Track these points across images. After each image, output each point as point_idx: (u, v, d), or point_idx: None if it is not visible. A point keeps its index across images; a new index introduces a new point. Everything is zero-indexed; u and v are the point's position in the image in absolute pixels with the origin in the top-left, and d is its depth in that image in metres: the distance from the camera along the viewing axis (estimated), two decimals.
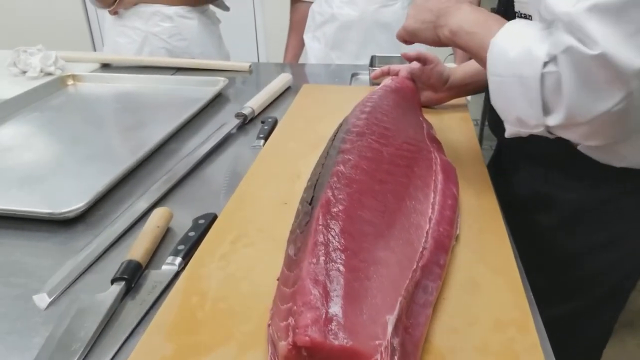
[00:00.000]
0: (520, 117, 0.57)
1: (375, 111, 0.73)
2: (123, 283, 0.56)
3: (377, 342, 0.40)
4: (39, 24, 2.86)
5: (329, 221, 0.49)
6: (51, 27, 2.81)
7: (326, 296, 0.42)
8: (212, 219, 0.67)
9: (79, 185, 0.77)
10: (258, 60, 2.66)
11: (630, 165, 0.68)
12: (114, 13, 1.46)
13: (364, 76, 1.25)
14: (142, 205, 0.72)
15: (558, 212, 0.77)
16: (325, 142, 0.84)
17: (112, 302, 0.53)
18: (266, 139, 0.91)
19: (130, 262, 0.58)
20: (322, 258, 0.45)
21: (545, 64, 0.52)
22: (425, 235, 0.55)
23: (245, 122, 1.00)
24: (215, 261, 0.59)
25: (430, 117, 0.91)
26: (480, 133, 2.25)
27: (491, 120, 0.89)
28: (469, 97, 1.21)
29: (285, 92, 1.17)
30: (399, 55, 1.24)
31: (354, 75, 1.25)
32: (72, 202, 0.69)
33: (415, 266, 0.50)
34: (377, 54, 1.23)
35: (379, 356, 0.39)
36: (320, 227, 0.49)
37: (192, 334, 0.49)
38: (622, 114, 0.51)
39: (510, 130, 0.62)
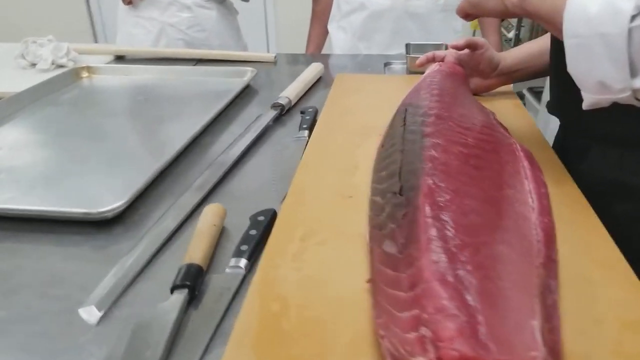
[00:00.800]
0: (604, 81, 0.51)
1: (445, 94, 0.66)
2: (186, 291, 0.48)
3: (532, 354, 0.33)
4: (38, 15, 2.74)
5: (438, 212, 0.42)
6: (51, 19, 2.69)
7: (462, 302, 0.35)
8: (272, 215, 0.60)
9: (113, 184, 0.70)
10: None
11: None
12: (128, 3, 1.37)
13: (397, 65, 1.18)
14: (188, 202, 0.64)
15: (637, 202, 0.70)
16: (375, 131, 0.78)
17: (177, 314, 0.46)
18: (310, 129, 0.84)
19: (190, 266, 0.50)
20: (442, 255, 0.38)
21: (633, 17, 0.47)
22: (534, 227, 0.48)
23: (282, 113, 0.92)
24: (288, 262, 0.51)
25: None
26: None
27: (553, 98, 0.81)
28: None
29: (317, 83, 1.10)
30: (434, 43, 1.19)
31: (386, 64, 1.19)
32: (108, 201, 0.61)
33: (537, 262, 0.43)
34: (411, 42, 1.17)
35: None
36: (430, 219, 0.42)
37: (283, 347, 0.41)
38: None
39: (589, 100, 0.55)
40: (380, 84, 1.04)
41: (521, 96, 2.27)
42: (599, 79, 0.52)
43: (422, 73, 1.06)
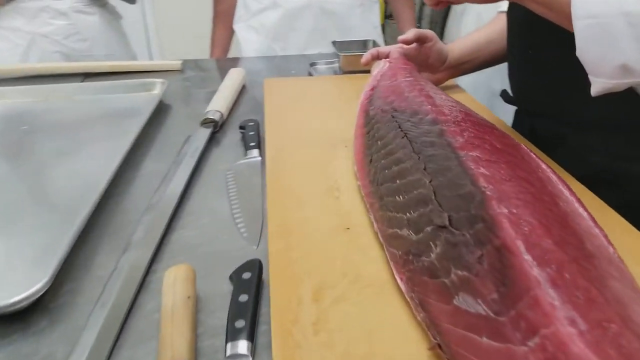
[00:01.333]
0: (627, 63, 0.47)
1: (435, 94, 0.56)
2: None
3: None
4: None
5: (531, 249, 0.32)
6: None
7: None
8: (258, 269, 0.46)
9: (17, 258, 0.50)
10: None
11: None
12: None
13: (323, 66, 1.07)
14: (135, 265, 0.47)
15: (625, 190, 0.65)
16: (339, 142, 0.67)
17: None
18: (259, 147, 0.70)
19: None
20: (574, 314, 0.28)
21: None
22: (603, 241, 0.40)
23: (216, 131, 0.77)
24: (309, 335, 0.38)
25: None
26: None
27: (516, 87, 0.77)
28: None
29: (241, 91, 0.95)
30: (361, 40, 1.11)
31: (312, 65, 1.07)
32: (17, 286, 0.43)
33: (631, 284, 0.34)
34: (337, 40, 1.07)
35: None
36: (533, 261, 0.31)
37: None
38: None
39: (602, 86, 0.50)
40: (318, 86, 0.93)
41: None
42: (621, 62, 0.47)
43: (357, 72, 0.97)
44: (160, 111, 0.88)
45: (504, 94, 0.81)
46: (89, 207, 0.54)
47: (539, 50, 0.68)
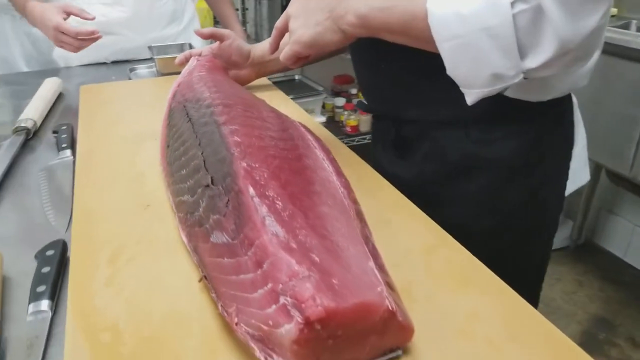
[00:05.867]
0: (496, 72, 0.51)
1: (219, 85, 0.67)
2: None
3: (378, 290, 0.37)
4: None
5: (262, 190, 0.43)
6: None
7: (310, 262, 0.37)
8: (62, 246, 0.52)
9: None
10: None
11: (556, 95, 0.66)
12: None
13: (143, 70, 1.13)
14: None
15: (488, 171, 0.69)
16: (149, 136, 0.75)
17: None
18: (72, 148, 0.74)
19: None
20: (278, 227, 0.39)
21: (512, 4, 0.47)
22: (337, 187, 0.53)
23: (29, 138, 0.80)
24: (102, 288, 0.46)
25: None
26: None
27: (369, 97, 0.80)
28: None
29: (58, 100, 0.98)
30: (176, 44, 1.18)
31: (131, 70, 1.12)
32: None
33: (350, 214, 0.48)
34: (153, 45, 1.13)
35: (387, 303, 0.36)
36: (256, 198, 0.42)
37: None
38: (605, 22, 0.49)
39: (476, 95, 0.54)
40: (134, 89, 0.99)
41: None
42: (490, 72, 0.51)
43: (175, 73, 1.04)
44: None
45: (360, 104, 0.84)
46: None
47: (389, 62, 0.70)
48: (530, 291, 0.75)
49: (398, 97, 0.73)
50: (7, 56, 1.28)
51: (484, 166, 0.69)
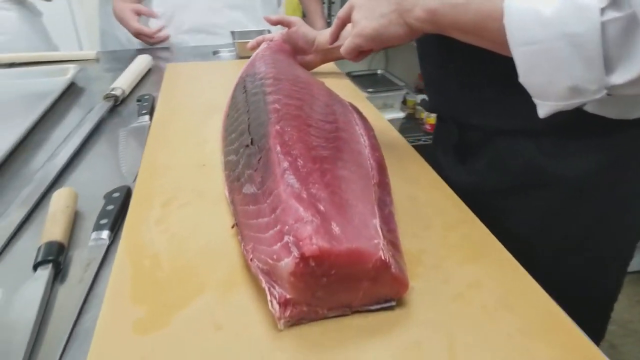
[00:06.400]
0: (576, 85, 0.46)
1: (277, 62, 0.73)
2: (50, 266, 0.47)
3: (375, 242, 0.41)
4: None
5: (288, 149, 0.48)
6: None
7: (316, 210, 0.41)
8: (126, 191, 0.60)
9: None
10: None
11: None
12: None
13: (226, 53, 1.23)
14: (32, 193, 0.61)
15: (556, 189, 0.64)
16: (218, 109, 0.82)
17: (44, 289, 0.45)
18: (150, 114, 0.84)
19: (50, 243, 0.50)
20: (294, 180, 0.44)
21: (603, 10, 0.42)
22: (368, 158, 0.56)
23: (117, 104, 0.91)
24: (152, 226, 0.53)
25: None
26: None
27: (432, 98, 0.77)
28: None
29: (148, 75, 1.09)
30: (257, 29, 1.26)
31: (215, 53, 1.22)
32: None
33: (373, 182, 0.51)
34: (235, 30, 1.22)
35: (381, 253, 0.40)
36: (282, 155, 0.47)
37: (160, 292, 0.44)
38: None
39: (550, 108, 0.49)
40: (212, 69, 1.08)
41: None
42: (570, 84, 0.46)
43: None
44: (74, 93, 1.01)
45: (423, 103, 0.87)
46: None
47: (457, 61, 0.67)
48: (598, 312, 0.74)
49: (464, 99, 0.69)
50: (118, 35, 1.44)
51: (552, 182, 0.63)
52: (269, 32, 1.25)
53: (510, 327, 0.41)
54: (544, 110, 0.49)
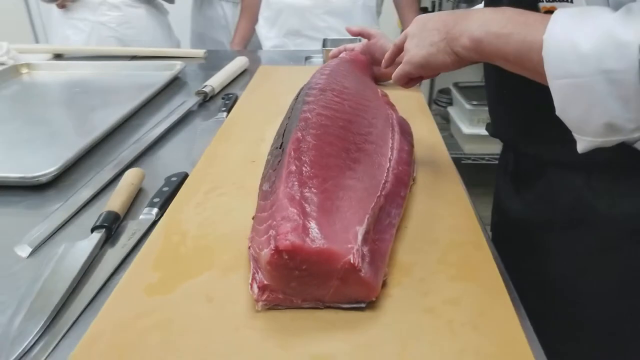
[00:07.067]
0: (613, 122, 0.45)
1: (334, 73, 0.78)
2: (103, 231, 0.58)
3: (349, 246, 0.45)
4: None
5: (299, 154, 0.54)
6: None
7: (302, 211, 0.46)
8: (183, 176, 0.70)
9: (48, 155, 0.78)
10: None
11: None
12: (62, 6, 1.47)
13: (317, 58, 1.31)
14: (114, 170, 0.74)
15: (605, 228, 0.61)
16: (284, 113, 0.90)
17: (93, 248, 0.56)
18: (229, 111, 0.94)
19: (108, 212, 0.61)
20: (295, 183, 0.50)
21: None
22: (386, 171, 0.60)
23: (206, 100, 1.03)
24: (191, 208, 0.62)
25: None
26: None
27: (494, 122, 0.76)
28: None
29: (243, 74, 1.21)
30: (349, 37, 1.31)
31: (307, 58, 1.31)
32: (42, 169, 0.71)
33: (379, 193, 0.55)
34: (328, 37, 1.30)
35: (351, 257, 0.44)
36: (292, 159, 0.53)
37: (176, 264, 0.52)
38: None
39: (588, 144, 0.49)
40: (298, 74, 1.16)
41: (447, 91, 2.43)
42: (605, 121, 0.45)
43: None
44: (177, 86, 1.15)
45: (489, 127, 0.80)
46: (97, 134, 0.82)
47: (512, 89, 0.66)
48: None
49: (519, 126, 0.69)
50: (222, 40, 1.61)
51: (600, 221, 0.60)
52: (360, 40, 1.30)
53: (468, 346, 0.42)
54: (581, 145, 0.49)
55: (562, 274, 0.65)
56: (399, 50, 0.71)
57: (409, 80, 0.67)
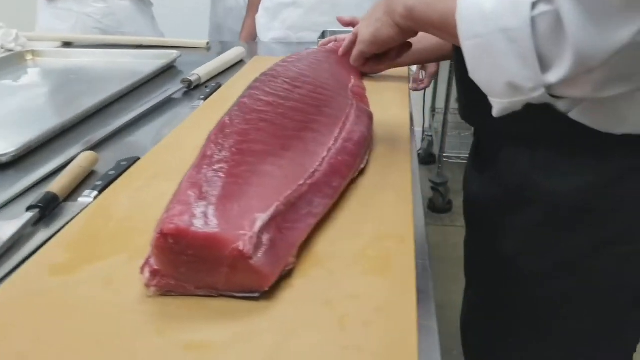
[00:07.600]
0: (513, 81, 0.46)
1: (299, 62, 0.77)
2: (37, 211, 0.59)
3: (241, 232, 0.43)
4: None
5: (218, 139, 0.53)
6: (2, 10, 2.78)
7: (199, 195, 0.45)
8: (134, 160, 0.70)
9: (16, 137, 0.80)
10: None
11: (631, 131, 0.53)
12: None
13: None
14: (73, 152, 0.75)
15: (548, 206, 0.61)
16: None
17: (20, 227, 0.56)
18: (206, 100, 0.94)
19: (47, 193, 0.61)
20: (204, 167, 0.49)
21: (534, 4, 0.42)
22: (320, 160, 0.58)
23: (191, 88, 1.03)
24: (129, 193, 0.62)
25: (368, 83, 0.95)
26: (443, 122, 2.26)
27: (462, 104, 0.75)
28: (413, 68, 1.25)
29: (238, 64, 1.21)
30: (348, 30, 1.29)
31: (306, 50, 1.29)
32: (4, 148, 0.72)
33: (302, 182, 0.53)
34: (326, 29, 1.27)
35: (241, 244, 0.42)
36: (210, 143, 0.52)
37: (89, 246, 0.52)
38: None
39: (499, 106, 0.49)
40: None
41: None
42: (507, 80, 0.46)
43: None
44: (171, 75, 1.16)
45: (459, 111, 0.78)
46: (70, 116, 0.84)
47: (463, 63, 0.66)
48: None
49: (471, 100, 0.68)
50: (232, 27, 1.63)
51: (543, 199, 0.61)
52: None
53: (352, 342, 0.40)
54: (496, 108, 0.50)
55: (509, 253, 0.65)
56: (355, 36, 0.71)
57: (366, 61, 0.69)
